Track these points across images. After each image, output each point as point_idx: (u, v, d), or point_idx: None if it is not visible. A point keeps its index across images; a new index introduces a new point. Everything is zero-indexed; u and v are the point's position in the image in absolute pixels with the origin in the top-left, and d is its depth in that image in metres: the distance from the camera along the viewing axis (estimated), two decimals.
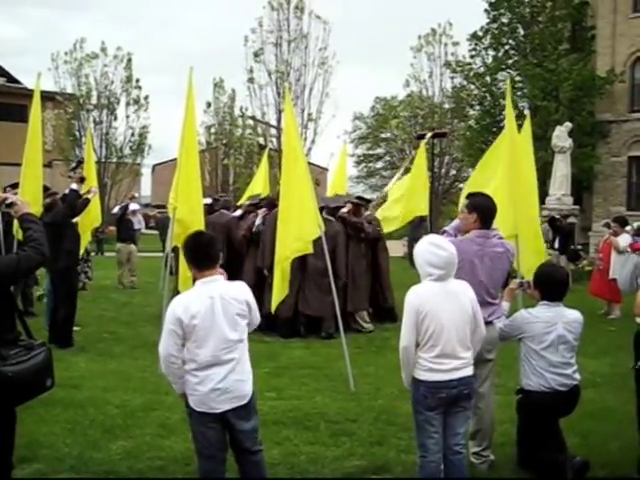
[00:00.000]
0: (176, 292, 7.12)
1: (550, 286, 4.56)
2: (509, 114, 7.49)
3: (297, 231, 7.66)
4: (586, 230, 25.72)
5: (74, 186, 9.12)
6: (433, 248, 3.89)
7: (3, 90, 39.04)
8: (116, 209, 17.20)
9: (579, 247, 21.50)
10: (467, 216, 4.72)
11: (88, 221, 10.30)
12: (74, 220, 9.22)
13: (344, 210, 11.02)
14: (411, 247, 16.80)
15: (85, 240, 10.47)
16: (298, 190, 7.66)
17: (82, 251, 10.63)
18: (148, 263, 17.75)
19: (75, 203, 9.03)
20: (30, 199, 9.03)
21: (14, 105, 36.44)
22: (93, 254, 17.25)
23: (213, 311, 3.67)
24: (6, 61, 77.73)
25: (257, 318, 3.97)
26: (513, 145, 7.15)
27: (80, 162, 10.40)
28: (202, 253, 3.83)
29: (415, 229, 17.87)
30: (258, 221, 10.54)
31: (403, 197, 13.04)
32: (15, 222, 7.71)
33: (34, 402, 3.86)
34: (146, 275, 15.93)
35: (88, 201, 9.35)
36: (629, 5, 27.57)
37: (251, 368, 3.88)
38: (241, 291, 3.88)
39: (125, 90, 35.49)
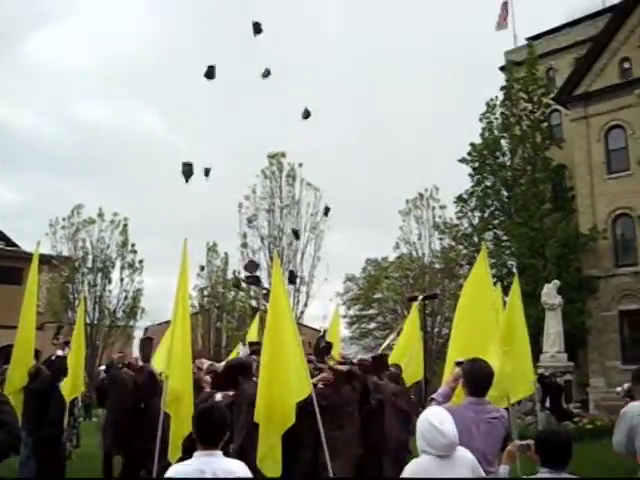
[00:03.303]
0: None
1: (552, 450, 4.36)
2: (478, 273, 7.79)
3: (281, 391, 7.50)
4: (584, 386, 25.35)
5: (59, 352, 9.02)
6: (434, 432, 3.77)
7: (1, 253, 39.67)
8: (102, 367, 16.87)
9: (577, 404, 21.09)
10: (459, 384, 4.68)
11: (71, 388, 10.07)
12: (60, 385, 9.03)
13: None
14: None
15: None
16: (284, 350, 7.61)
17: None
18: None
19: (62, 369, 8.90)
20: (21, 362, 8.94)
21: (11, 268, 36.84)
22: (81, 419, 16.72)
23: None
24: (5, 225, 79.39)
25: None
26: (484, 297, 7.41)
27: (60, 327, 10.28)
28: (209, 429, 3.81)
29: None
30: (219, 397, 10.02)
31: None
32: None
33: None
34: None
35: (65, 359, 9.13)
36: (604, 168, 29.01)
37: None
38: (238, 469, 3.79)
39: (120, 254, 36.11)
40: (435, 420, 3.84)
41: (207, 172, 13.44)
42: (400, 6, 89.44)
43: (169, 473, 3.69)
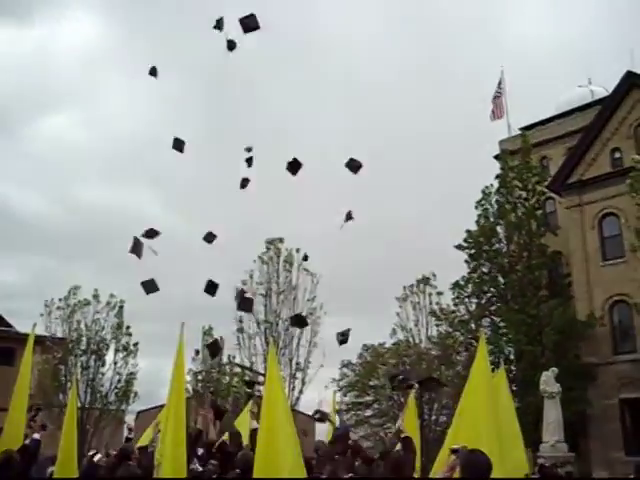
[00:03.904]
0: None
1: None
2: (479, 362, 7.86)
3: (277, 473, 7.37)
4: (587, 478, 24.70)
5: (36, 436, 8.68)
6: None
7: None
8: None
9: None
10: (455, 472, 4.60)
11: (63, 473, 9.85)
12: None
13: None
14: None
15: None
16: (277, 435, 7.51)
17: None
18: None
19: (37, 454, 8.54)
20: (11, 445, 8.70)
21: (4, 348, 36.45)
22: None
23: None
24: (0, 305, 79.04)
25: None
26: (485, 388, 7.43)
27: (38, 409, 9.89)
28: None
29: None
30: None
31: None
32: None
33: None
34: None
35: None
36: (599, 255, 29.27)
37: None
38: None
39: (115, 337, 35.73)
40: None
41: (209, 239, 13.35)
42: (396, 95, 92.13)
43: None
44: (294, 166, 11.88)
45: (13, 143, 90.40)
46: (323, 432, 15.12)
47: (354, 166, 11.66)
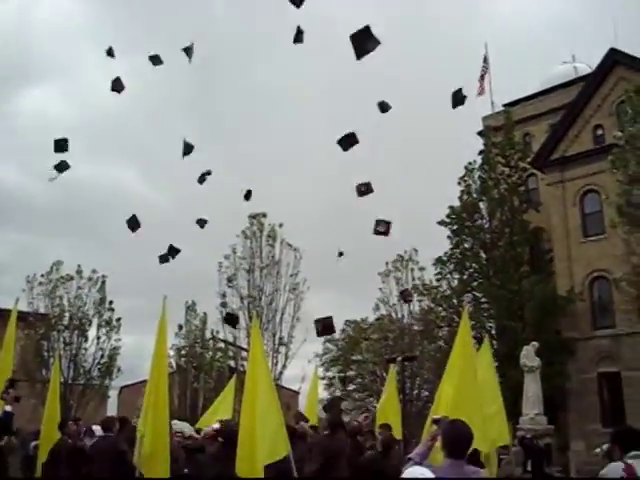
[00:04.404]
0: None
1: None
2: (462, 336, 8.02)
3: (260, 450, 7.44)
4: (564, 449, 25.14)
5: (8, 408, 8.62)
6: None
7: None
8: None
9: (559, 468, 20.90)
10: (436, 442, 4.67)
11: (46, 448, 9.91)
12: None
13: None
14: None
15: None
16: (262, 410, 7.58)
17: None
18: None
19: (9, 426, 8.52)
20: None
21: None
22: None
23: None
24: None
25: None
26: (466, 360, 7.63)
27: (12, 381, 9.81)
28: None
29: None
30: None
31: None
32: None
33: None
34: None
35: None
36: (580, 231, 29.54)
37: None
38: None
39: (97, 312, 35.60)
40: (420, 475, 3.83)
41: (201, 224, 13.47)
42: (382, 67, 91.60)
43: None
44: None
45: None
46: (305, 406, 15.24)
47: (348, 143, 11.68)
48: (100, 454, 9.07)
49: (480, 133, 35.55)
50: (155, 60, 11.34)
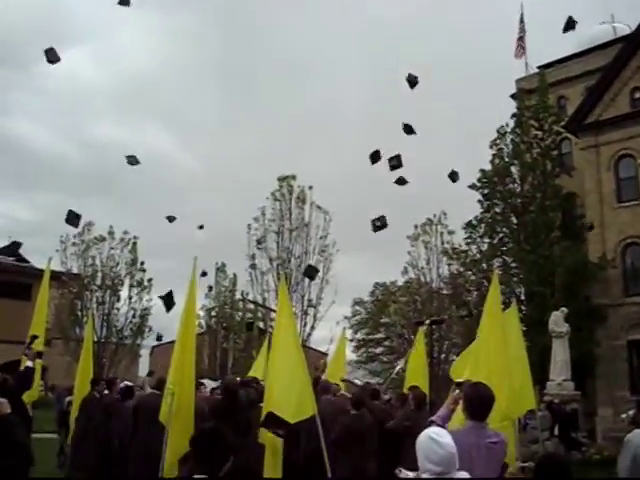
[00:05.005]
0: None
1: (551, 475, 4.33)
2: (491, 301, 8.01)
3: (285, 407, 7.56)
4: (591, 415, 25.12)
5: (29, 364, 8.71)
6: (433, 444, 3.77)
7: (12, 269, 39.95)
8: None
9: (585, 434, 20.91)
10: (458, 406, 4.71)
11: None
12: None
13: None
14: None
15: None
16: (288, 369, 7.68)
17: None
18: None
19: (29, 381, 8.68)
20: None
21: (21, 284, 37.10)
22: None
23: None
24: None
25: None
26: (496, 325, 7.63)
27: (34, 337, 9.85)
28: (208, 453, 3.56)
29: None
30: None
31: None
32: None
33: None
34: None
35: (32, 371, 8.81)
36: (613, 196, 29.04)
37: None
38: None
39: (129, 272, 36.14)
40: (433, 434, 3.86)
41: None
42: (413, 36, 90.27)
43: None
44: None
45: (26, 79, 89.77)
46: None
47: (395, 165, 11.94)
48: (148, 409, 9.25)
49: (513, 96, 34.97)
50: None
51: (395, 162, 11.98)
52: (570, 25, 11.00)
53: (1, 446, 3.55)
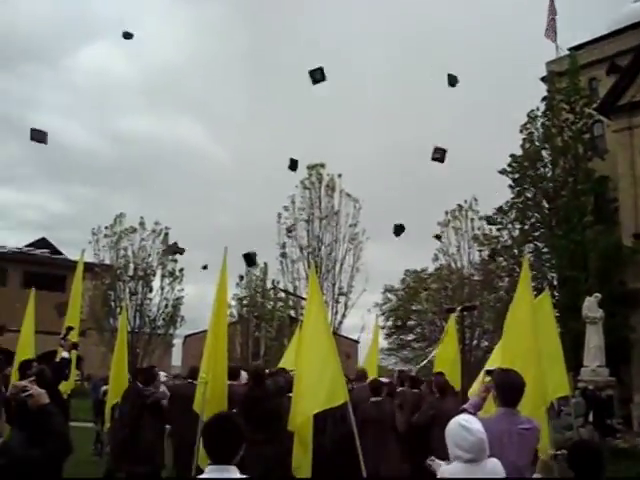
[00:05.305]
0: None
1: (584, 462, 4.34)
2: (522, 287, 7.98)
3: (316, 394, 7.61)
4: (627, 402, 24.82)
5: (65, 354, 8.84)
6: (462, 431, 3.81)
7: (46, 261, 40.67)
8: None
9: (620, 421, 20.69)
10: (490, 394, 4.71)
11: (115, 393, 10.38)
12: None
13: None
14: None
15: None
16: (320, 357, 7.72)
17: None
18: None
19: (66, 372, 8.77)
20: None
21: (56, 275, 37.75)
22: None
23: None
24: (51, 234, 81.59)
25: None
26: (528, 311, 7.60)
27: (70, 329, 10.00)
28: (219, 442, 3.46)
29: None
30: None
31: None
32: None
33: None
34: None
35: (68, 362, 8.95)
36: None
37: None
38: None
39: (161, 263, 36.48)
40: (462, 420, 3.89)
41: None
42: (442, 17, 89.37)
43: None
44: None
45: (55, 73, 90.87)
46: (364, 355, 15.48)
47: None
48: (182, 398, 9.41)
49: (544, 79, 34.48)
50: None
51: (439, 155, 12.12)
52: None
53: (40, 435, 3.63)
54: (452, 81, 12.02)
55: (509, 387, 4.63)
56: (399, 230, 12.52)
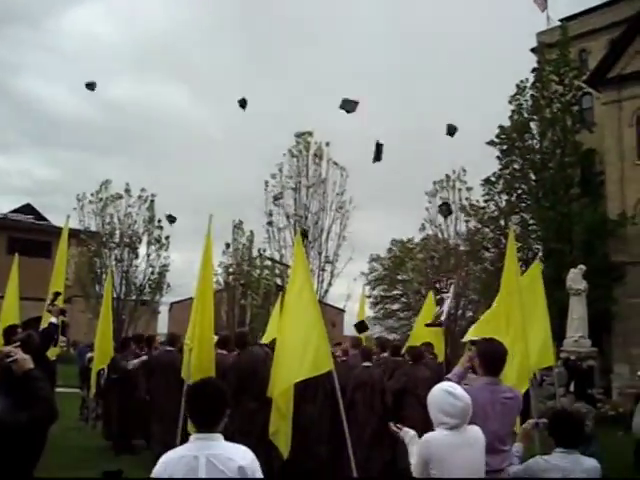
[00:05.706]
0: None
1: (565, 431, 4.43)
2: (510, 258, 8.03)
3: (301, 362, 7.64)
4: (607, 372, 25.18)
5: (53, 320, 8.83)
6: (448, 397, 3.84)
7: (30, 227, 40.37)
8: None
9: (600, 390, 21.01)
10: (473, 363, 4.74)
11: (100, 360, 10.38)
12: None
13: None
14: None
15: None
16: (305, 324, 7.73)
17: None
18: None
19: (54, 338, 8.78)
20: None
21: (40, 242, 37.53)
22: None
23: (196, 474, 3.22)
24: (35, 199, 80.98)
25: None
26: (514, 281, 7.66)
27: (57, 294, 9.95)
28: (203, 408, 3.40)
29: None
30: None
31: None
32: None
33: None
34: None
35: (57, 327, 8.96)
36: (634, 152, 28.59)
37: None
38: (238, 455, 3.33)
39: (147, 230, 36.30)
40: (447, 386, 3.94)
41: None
42: None
43: (161, 460, 3.36)
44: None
45: (39, 36, 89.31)
46: (350, 325, 15.60)
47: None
48: (163, 366, 9.48)
49: (533, 50, 34.28)
50: None
51: (445, 210, 12.99)
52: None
53: (26, 400, 3.62)
54: (451, 130, 12.20)
55: (491, 356, 4.68)
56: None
